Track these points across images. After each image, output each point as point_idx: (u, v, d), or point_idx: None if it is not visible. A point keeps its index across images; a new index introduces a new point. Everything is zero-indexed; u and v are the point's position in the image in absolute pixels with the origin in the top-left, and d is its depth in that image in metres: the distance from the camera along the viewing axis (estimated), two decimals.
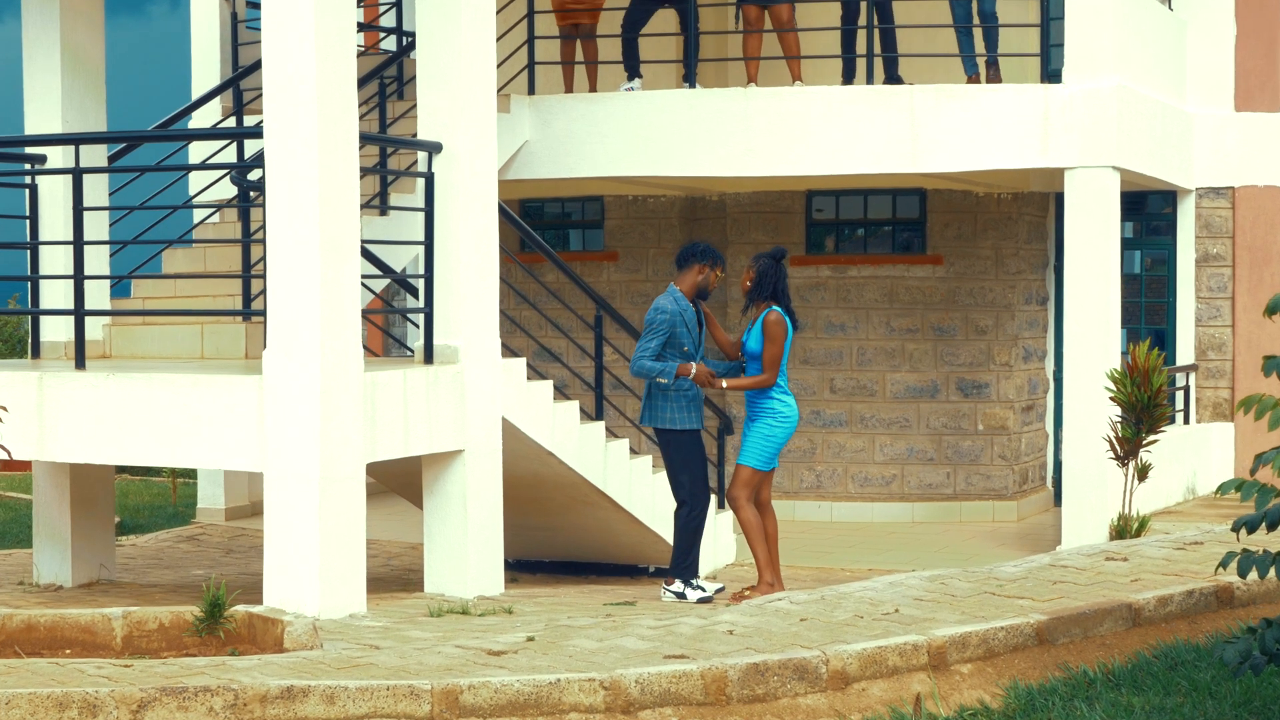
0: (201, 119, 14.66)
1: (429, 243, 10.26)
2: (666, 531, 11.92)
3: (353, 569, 9.21)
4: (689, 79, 13.90)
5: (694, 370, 10.15)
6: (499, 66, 14.19)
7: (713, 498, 11.14)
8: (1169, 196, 16.07)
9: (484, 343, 10.37)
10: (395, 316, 17.52)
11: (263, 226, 9.27)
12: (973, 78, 13.71)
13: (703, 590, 10.25)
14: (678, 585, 10.22)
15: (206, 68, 15.48)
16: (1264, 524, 6.43)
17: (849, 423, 15.82)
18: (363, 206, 11.83)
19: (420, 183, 10.49)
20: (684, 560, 10.23)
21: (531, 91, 14.18)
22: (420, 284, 10.47)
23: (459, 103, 10.25)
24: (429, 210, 10.25)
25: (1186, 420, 15.78)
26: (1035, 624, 7.73)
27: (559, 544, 12.64)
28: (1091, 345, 13.03)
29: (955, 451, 15.75)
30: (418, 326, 11.32)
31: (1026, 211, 15.87)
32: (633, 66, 14.43)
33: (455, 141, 10.24)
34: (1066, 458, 13.10)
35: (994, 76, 13.63)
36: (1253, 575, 7.78)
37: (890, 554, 13.94)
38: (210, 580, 9.63)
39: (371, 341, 15.51)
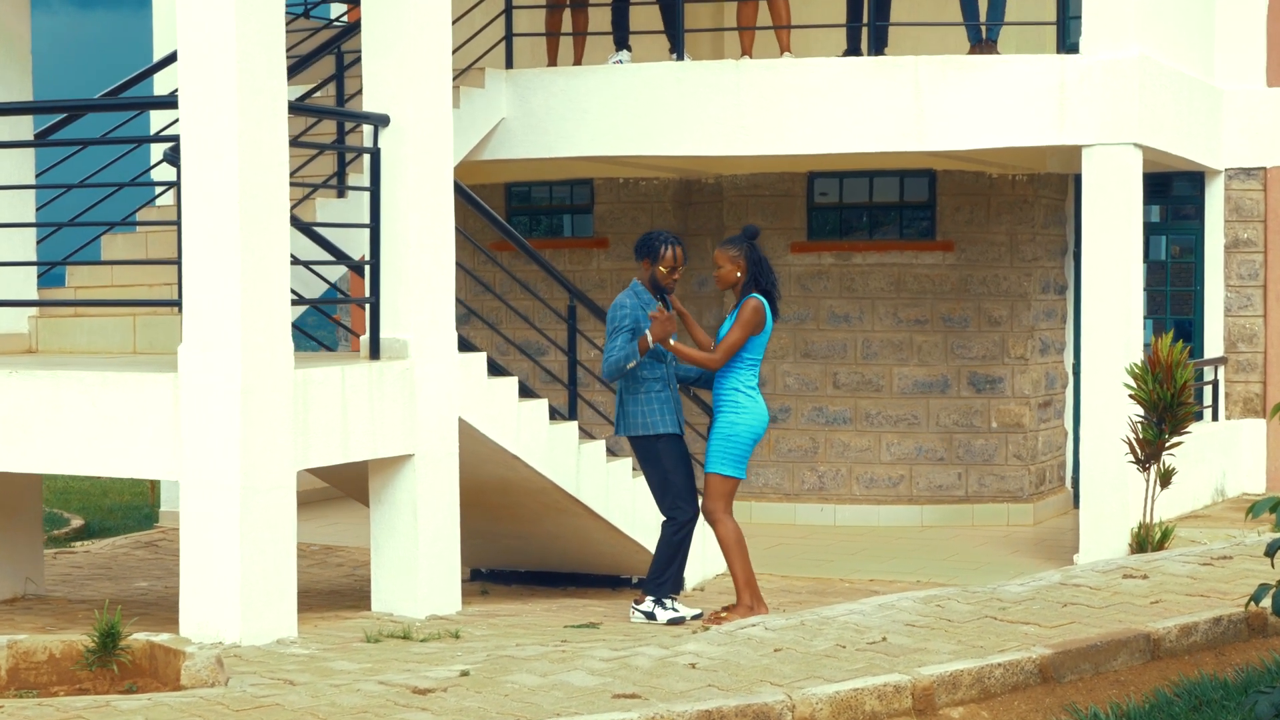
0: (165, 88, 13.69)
1: (374, 225, 9.29)
2: (649, 540, 10.95)
3: (280, 590, 8.25)
4: (676, 50, 12.91)
5: (649, 333, 9.10)
6: (474, 38, 13.28)
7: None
8: (1196, 178, 15.03)
9: (437, 336, 9.40)
10: None
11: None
12: (976, 46, 12.69)
13: (675, 611, 9.27)
14: (648, 604, 9.23)
15: (167, 37, 14.53)
16: None
17: (854, 420, 14.81)
18: (319, 186, 10.98)
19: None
20: (659, 577, 9.24)
21: (509, 65, 13.21)
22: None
23: (408, 71, 9.27)
24: (374, 189, 9.29)
25: (1215, 417, 14.75)
26: (1039, 659, 6.73)
27: (534, 553, 11.67)
28: (1111, 338, 12.03)
29: (967, 451, 14.74)
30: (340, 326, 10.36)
31: (1044, 194, 14.84)
32: (622, 38, 13.46)
33: (404, 114, 9.26)
34: (1085, 459, 12.10)
35: (989, 49, 12.60)
36: None
37: (894, 562, 12.96)
38: (152, 592, 8.68)
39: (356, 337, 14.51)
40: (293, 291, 10.46)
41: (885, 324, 14.73)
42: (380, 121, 9.27)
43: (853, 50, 13.02)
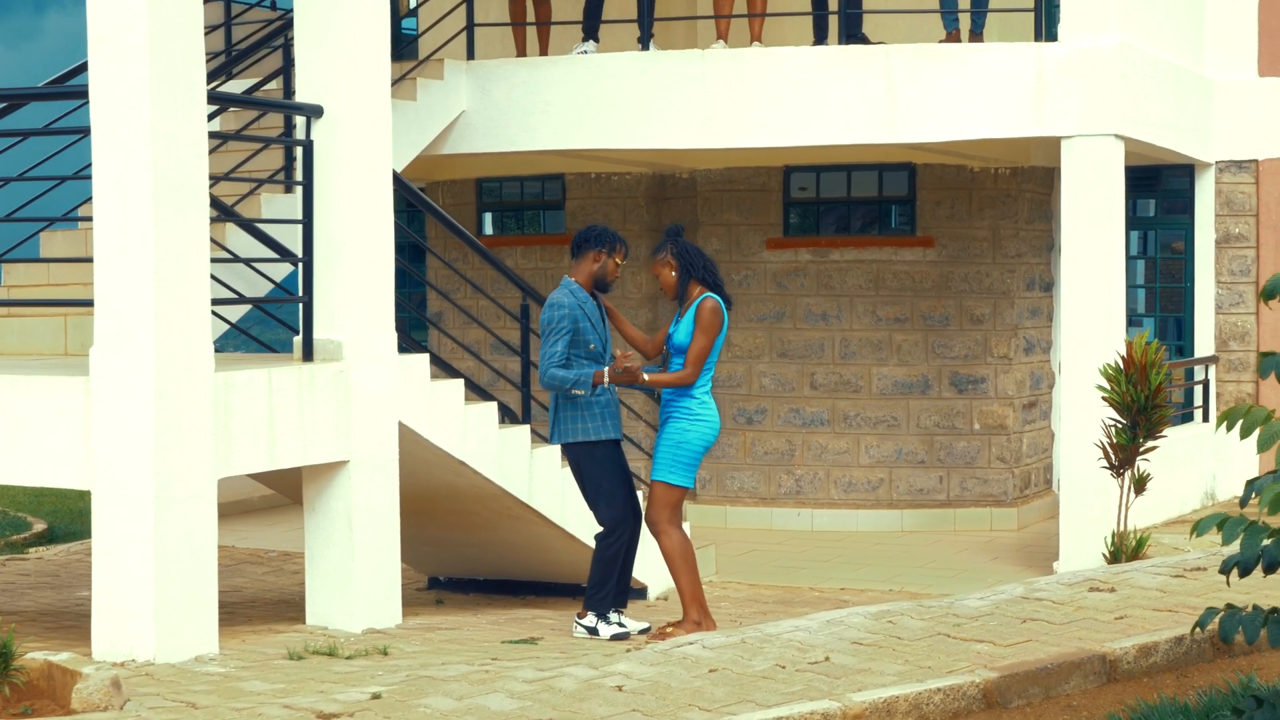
0: None
1: (307, 221, 8.86)
2: None
3: (200, 604, 7.83)
4: (643, 39, 12.47)
5: (608, 377, 8.70)
6: (434, 27, 12.86)
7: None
8: (1186, 171, 14.56)
9: (375, 337, 8.97)
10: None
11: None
12: (951, 35, 12.24)
13: (621, 626, 8.84)
14: (590, 619, 8.80)
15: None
16: (1261, 566, 5.01)
17: (831, 422, 14.36)
18: (265, 182, 10.55)
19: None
20: (599, 591, 8.79)
21: (471, 56, 12.77)
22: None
23: (342, 59, 8.84)
24: (307, 183, 8.86)
25: (1206, 417, 14.28)
26: (983, 683, 6.29)
27: (491, 561, 11.25)
28: (1091, 337, 11.59)
29: (949, 453, 14.29)
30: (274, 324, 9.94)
31: (1027, 188, 14.39)
32: (592, 27, 13.02)
33: (338, 105, 8.84)
34: (1064, 463, 11.67)
35: (975, 37, 12.15)
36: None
37: (869, 570, 12.52)
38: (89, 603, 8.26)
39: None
40: (234, 291, 10.15)
41: (864, 322, 14.28)
42: (313, 113, 8.85)
43: (820, 38, 12.57)
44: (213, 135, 9.36)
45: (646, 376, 8.73)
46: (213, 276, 10.09)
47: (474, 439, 9.80)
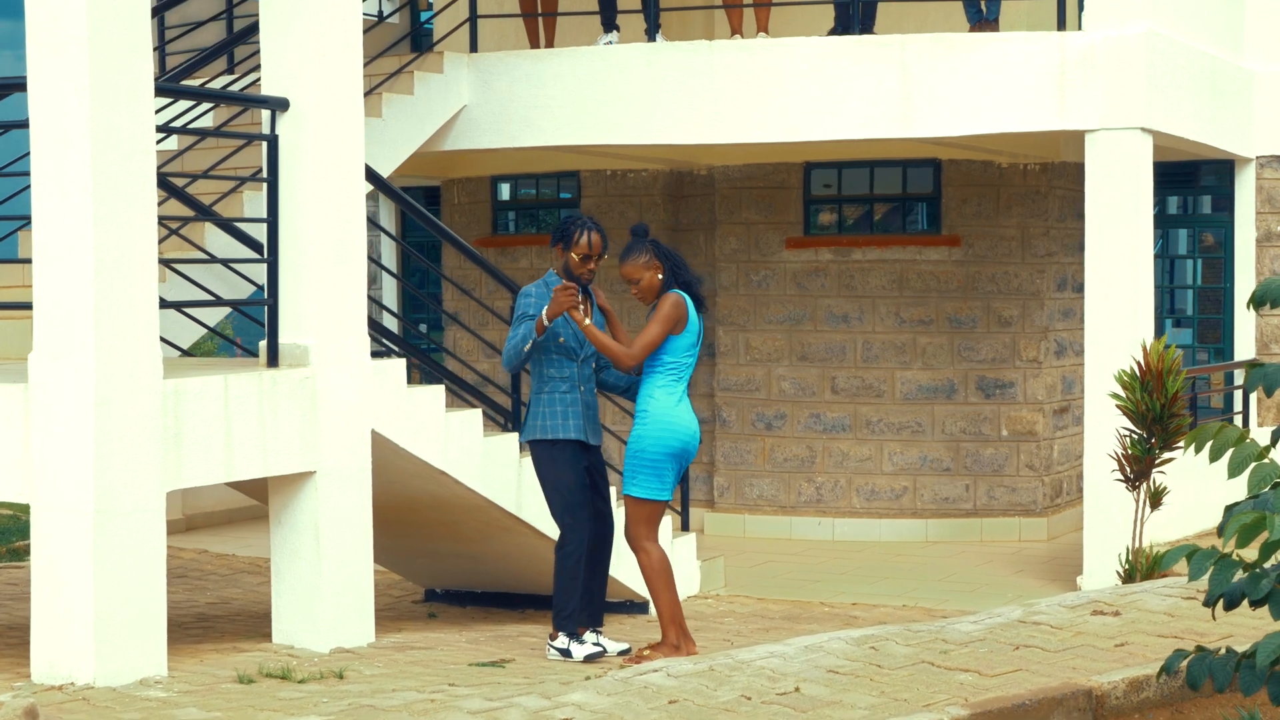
0: None
1: (271, 220, 8.44)
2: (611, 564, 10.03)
3: (146, 624, 7.41)
4: (649, 30, 12.00)
5: (546, 312, 8.13)
6: (435, 16, 12.45)
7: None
8: (1225, 166, 13.96)
9: (345, 341, 8.54)
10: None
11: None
12: (976, 26, 11.71)
13: (597, 646, 8.36)
14: (561, 640, 8.32)
15: None
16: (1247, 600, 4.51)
17: (853, 427, 13.84)
18: (249, 180, 10.16)
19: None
20: (565, 609, 8.30)
21: (474, 49, 12.34)
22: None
23: (309, 49, 8.41)
24: (271, 180, 8.43)
25: (1245, 424, 13.67)
26: None
27: (487, 573, 10.81)
28: (1116, 341, 11.03)
29: (975, 460, 13.75)
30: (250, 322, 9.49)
31: (1058, 185, 13.82)
32: (610, 17, 12.55)
33: (304, 97, 8.40)
34: (1087, 473, 11.13)
35: (991, 29, 11.62)
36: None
37: (887, 583, 12.01)
38: None
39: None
40: (210, 293, 9.76)
41: (887, 324, 13.75)
42: (278, 105, 8.42)
43: (838, 30, 12.06)
44: (170, 130, 8.99)
45: (587, 320, 8.14)
46: (189, 278, 9.80)
47: (456, 448, 9.37)
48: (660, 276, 8.18)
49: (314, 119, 8.41)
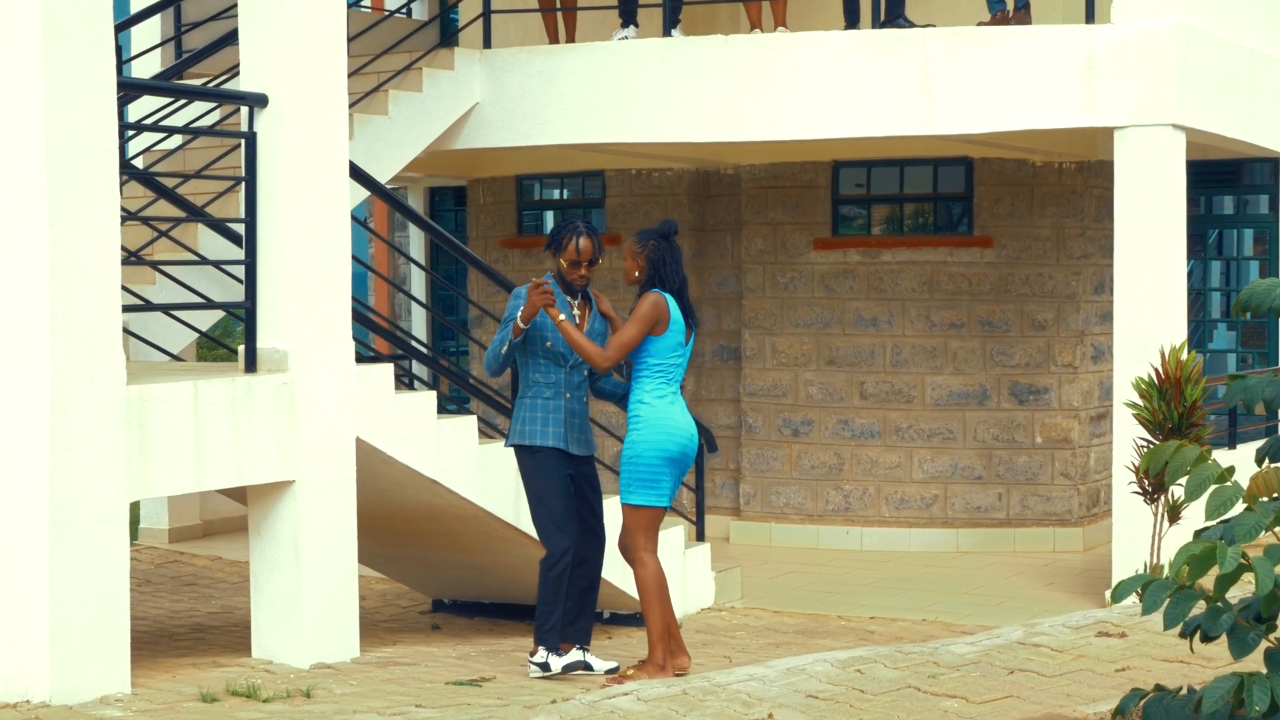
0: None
1: (250, 220, 8.15)
2: (616, 575, 9.70)
3: (107, 639, 7.14)
4: (665, 25, 11.66)
5: (521, 314, 7.82)
6: (449, 11, 12.16)
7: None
8: (1270, 165, 13.47)
9: (327, 346, 8.24)
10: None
11: None
12: (997, 17, 11.30)
13: (581, 657, 8.02)
14: (541, 655, 7.97)
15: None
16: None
17: (882, 434, 13.44)
18: (239, 180, 9.88)
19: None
20: (547, 622, 7.95)
21: (487, 45, 12.04)
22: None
23: (288, 44, 8.12)
24: (250, 178, 8.15)
25: None
26: None
27: (491, 584, 10.51)
28: (1147, 347, 10.55)
29: (1008, 468, 13.32)
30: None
31: (1094, 184, 13.37)
32: (630, 11, 12.23)
33: (284, 94, 8.11)
34: (1115, 484, 10.69)
35: (1020, 19, 11.20)
36: None
37: (910, 595, 11.61)
38: None
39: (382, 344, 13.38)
40: (201, 295, 9.50)
41: (917, 328, 13.35)
42: (256, 102, 8.14)
43: (852, 22, 11.68)
44: (139, 127, 8.73)
45: (561, 317, 7.83)
46: (178, 281, 9.55)
47: (449, 457, 9.06)
48: (638, 274, 7.90)
49: (294, 116, 8.12)
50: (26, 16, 6.88)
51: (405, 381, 10.70)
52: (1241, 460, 6.08)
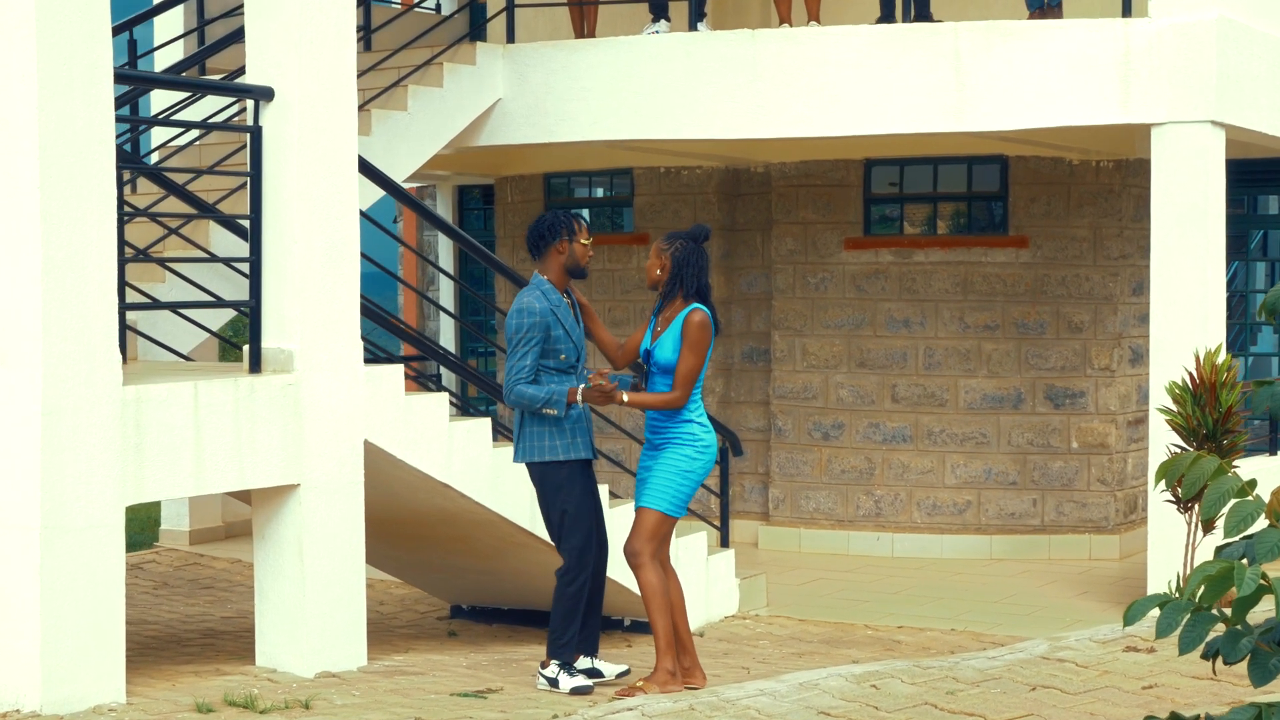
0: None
1: (255, 216, 7.95)
2: (633, 581, 9.44)
3: (102, 647, 6.95)
4: (691, 19, 11.41)
5: (581, 394, 7.64)
6: (468, 5, 11.96)
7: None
8: None
9: (334, 346, 8.03)
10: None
11: None
12: (1036, 13, 11.01)
13: (589, 680, 7.77)
14: (552, 669, 7.74)
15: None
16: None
17: (914, 438, 13.16)
18: (249, 175, 9.69)
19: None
20: (562, 636, 7.73)
21: (510, 39, 11.81)
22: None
23: (294, 36, 7.91)
24: (255, 174, 7.95)
25: None
26: None
27: (509, 590, 10.28)
28: (1182, 350, 10.24)
29: (1043, 474, 13.02)
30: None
31: (1132, 183, 13.06)
32: (661, 5, 11.98)
33: (290, 87, 7.91)
34: (1151, 491, 10.37)
35: (1053, 15, 10.91)
36: None
37: (940, 604, 11.32)
38: None
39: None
40: (212, 294, 9.28)
41: (950, 330, 13.05)
42: (262, 95, 7.94)
43: (887, 16, 11.40)
44: (136, 120, 8.53)
45: (626, 397, 7.67)
46: (188, 279, 9.34)
47: (461, 460, 8.83)
48: (660, 273, 7.68)
49: (300, 110, 7.92)
50: (19, 4, 6.69)
51: (430, 386, 10.48)
52: None
